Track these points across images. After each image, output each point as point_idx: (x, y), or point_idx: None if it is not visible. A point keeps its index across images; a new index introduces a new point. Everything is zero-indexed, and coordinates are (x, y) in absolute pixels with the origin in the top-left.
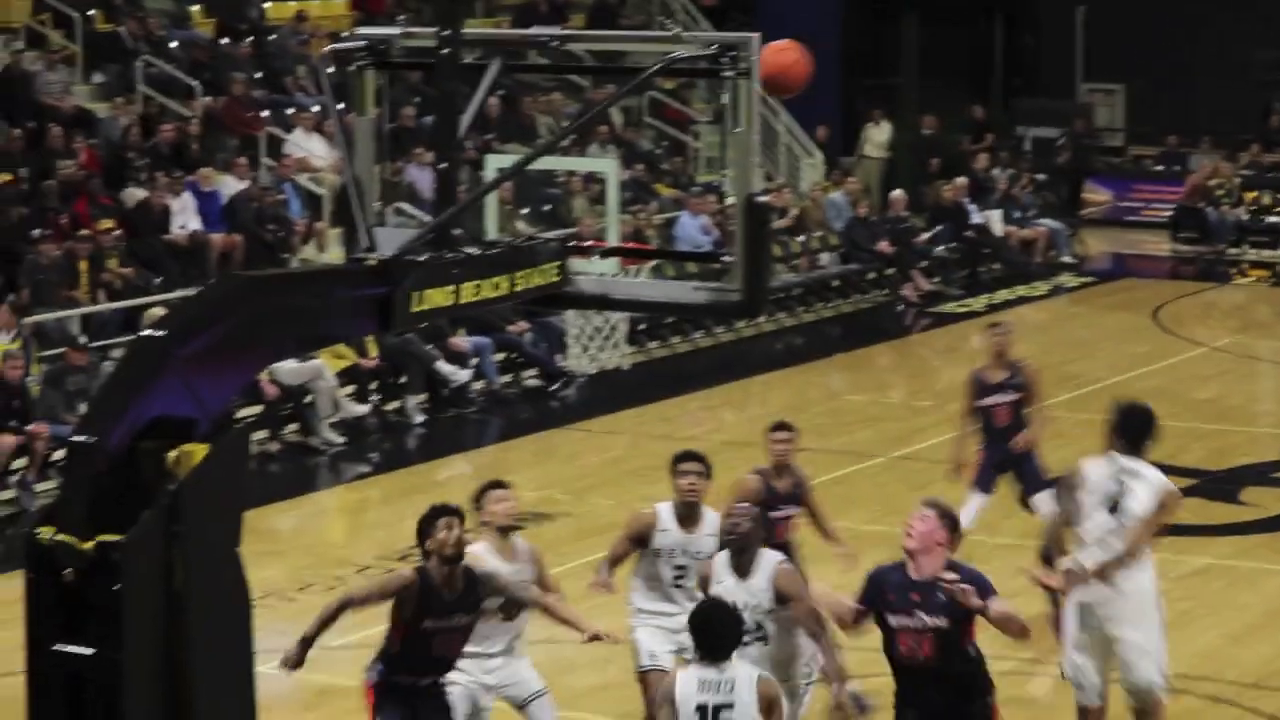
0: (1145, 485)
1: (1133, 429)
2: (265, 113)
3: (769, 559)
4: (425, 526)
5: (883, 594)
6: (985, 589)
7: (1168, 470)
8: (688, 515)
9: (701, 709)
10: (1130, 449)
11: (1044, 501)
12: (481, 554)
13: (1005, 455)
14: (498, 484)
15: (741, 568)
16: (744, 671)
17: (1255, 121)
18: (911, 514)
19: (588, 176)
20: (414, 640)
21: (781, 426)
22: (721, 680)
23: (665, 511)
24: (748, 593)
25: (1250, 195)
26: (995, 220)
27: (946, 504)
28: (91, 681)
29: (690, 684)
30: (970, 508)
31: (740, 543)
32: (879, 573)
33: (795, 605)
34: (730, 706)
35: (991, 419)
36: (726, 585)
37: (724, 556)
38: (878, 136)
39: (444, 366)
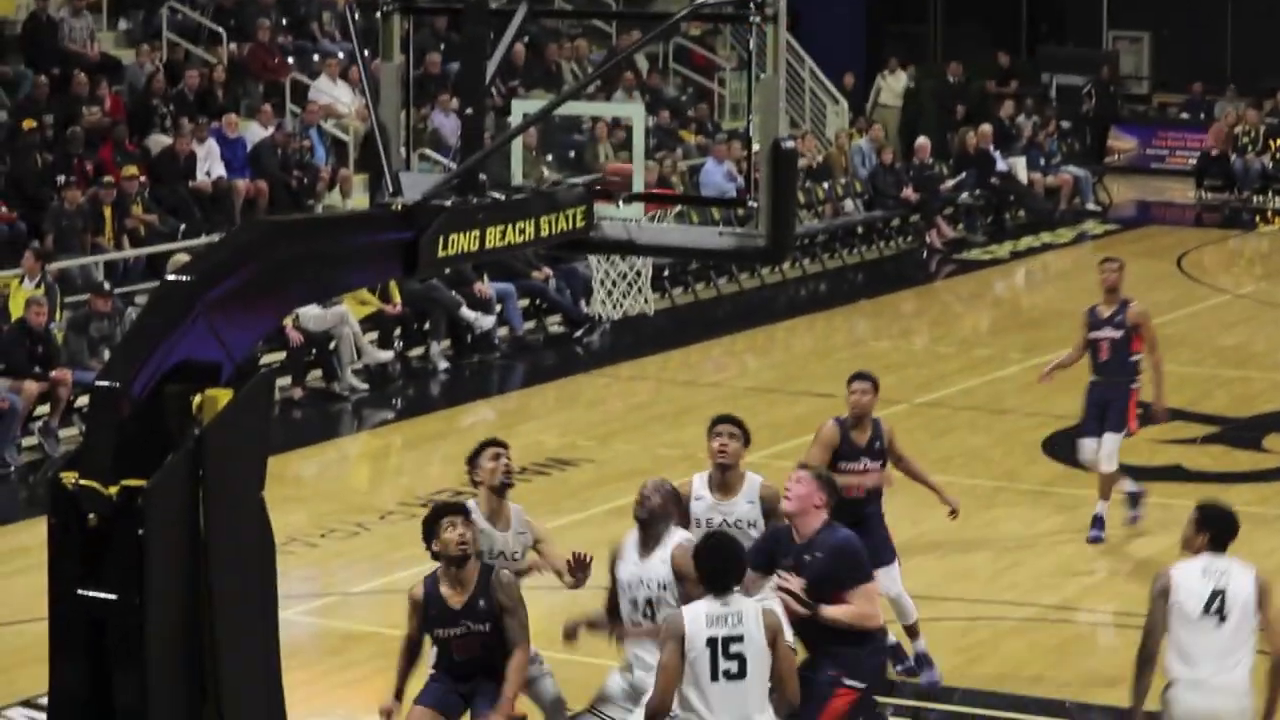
0: (1240, 572)
1: (1217, 528)
2: (290, 59)
3: (674, 538)
4: (429, 526)
5: (775, 558)
6: (852, 567)
7: (1190, 416)
8: (722, 481)
9: (712, 642)
10: (1214, 547)
11: (1110, 440)
12: (470, 511)
13: (1104, 393)
14: (492, 442)
15: (647, 545)
16: (749, 604)
17: None
18: (789, 476)
19: (613, 122)
20: (437, 645)
21: (860, 376)
22: (728, 613)
23: (699, 480)
24: (645, 571)
25: (1276, 142)
26: (1020, 167)
27: (822, 469)
28: (114, 627)
29: (699, 619)
30: (1086, 453)
31: (648, 517)
32: (771, 535)
33: (688, 585)
34: (740, 639)
35: (1096, 352)
36: (629, 562)
37: (634, 534)
38: (894, 85)
39: (468, 312)
